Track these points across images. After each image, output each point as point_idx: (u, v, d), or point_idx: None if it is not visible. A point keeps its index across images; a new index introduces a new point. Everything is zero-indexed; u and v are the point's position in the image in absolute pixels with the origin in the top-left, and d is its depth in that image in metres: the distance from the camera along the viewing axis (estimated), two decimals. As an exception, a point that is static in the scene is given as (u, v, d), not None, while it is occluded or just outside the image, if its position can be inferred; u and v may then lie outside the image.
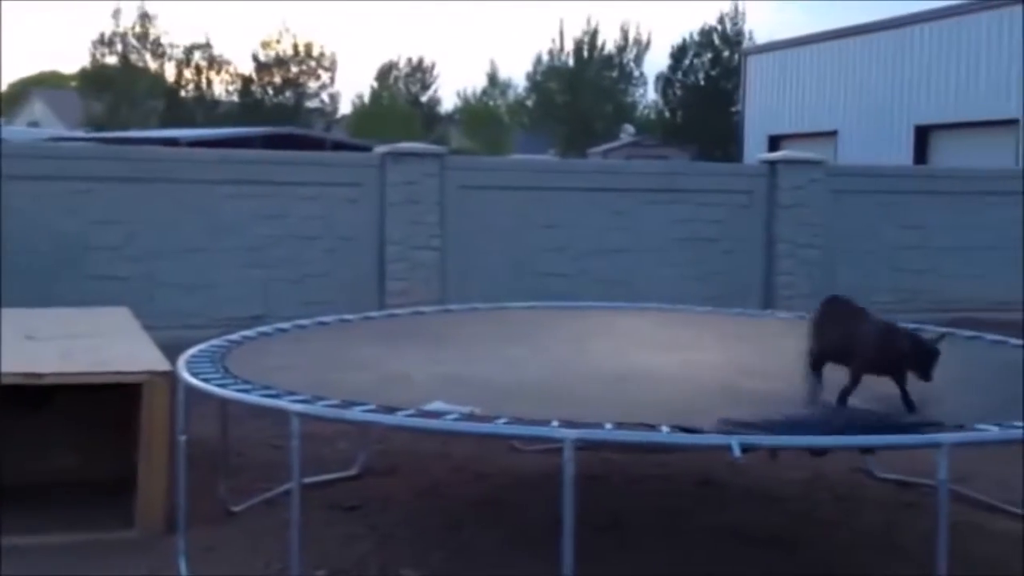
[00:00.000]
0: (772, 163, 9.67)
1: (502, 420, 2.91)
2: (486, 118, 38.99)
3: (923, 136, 16.88)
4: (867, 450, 3.49)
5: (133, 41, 33.57)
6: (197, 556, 3.56)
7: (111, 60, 33.45)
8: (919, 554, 3.32)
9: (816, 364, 3.41)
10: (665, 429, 2.77)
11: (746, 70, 22.01)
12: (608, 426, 2.84)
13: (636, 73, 38.15)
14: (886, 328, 3.23)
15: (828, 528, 4.10)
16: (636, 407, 3.36)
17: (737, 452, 2.54)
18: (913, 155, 16.68)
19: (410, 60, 41.07)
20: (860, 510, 4.25)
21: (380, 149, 8.80)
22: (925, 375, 3.14)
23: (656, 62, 55.75)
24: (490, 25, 70.78)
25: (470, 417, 2.95)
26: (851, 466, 4.65)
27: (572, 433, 2.72)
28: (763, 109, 20.83)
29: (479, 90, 41.88)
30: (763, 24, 75.04)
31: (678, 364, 4.02)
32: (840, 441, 2.86)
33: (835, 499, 4.39)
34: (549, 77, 37.60)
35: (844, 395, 3.19)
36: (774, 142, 19.30)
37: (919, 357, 3.13)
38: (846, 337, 3.27)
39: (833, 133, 18.69)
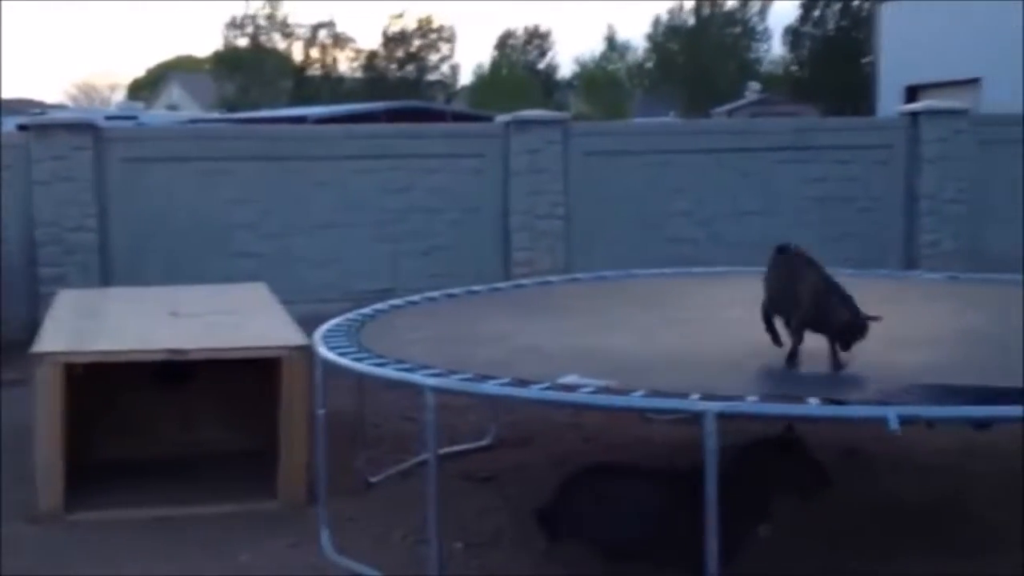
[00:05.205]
0: (913, 115, 9.18)
1: (639, 393, 2.83)
2: (604, 83, 38.53)
3: (1076, 80, 15.76)
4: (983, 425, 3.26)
5: (262, 22, 34.50)
6: (338, 526, 3.62)
7: (242, 42, 34.47)
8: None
9: (766, 316, 3.41)
10: (813, 401, 2.63)
11: (879, 17, 21.02)
12: (751, 398, 2.72)
13: (760, 28, 37.05)
14: (826, 288, 3.19)
15: (992, 496, 3.87)
16: (773, 377, 3.23)
17: (895, 425, 2.39)
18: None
19: (527, 28, 40.90)
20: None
21: (503, 118, 8.74)
22: (845, 344, 3.14)
23: (781, 16, 54.01)
24: (608, -12, 69.71)
25: (606, 390, 2.88)
26: (1008, 434, 4.37)
27: (714, 406, 2.62)
28: (898, 58, 19.84)
29: (597, 55, 41.36)
30: (895, -30, 71.68)
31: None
32: (1005, 412, 2.66)
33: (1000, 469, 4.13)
34: (670, 37, 36.87)
35: (791, 357, 3.20)
36: (911, 93, 18.40)
37: (849, 327, 3.12)
38: (788, 290, 3.27)
39: (975, 81, 17.68)
